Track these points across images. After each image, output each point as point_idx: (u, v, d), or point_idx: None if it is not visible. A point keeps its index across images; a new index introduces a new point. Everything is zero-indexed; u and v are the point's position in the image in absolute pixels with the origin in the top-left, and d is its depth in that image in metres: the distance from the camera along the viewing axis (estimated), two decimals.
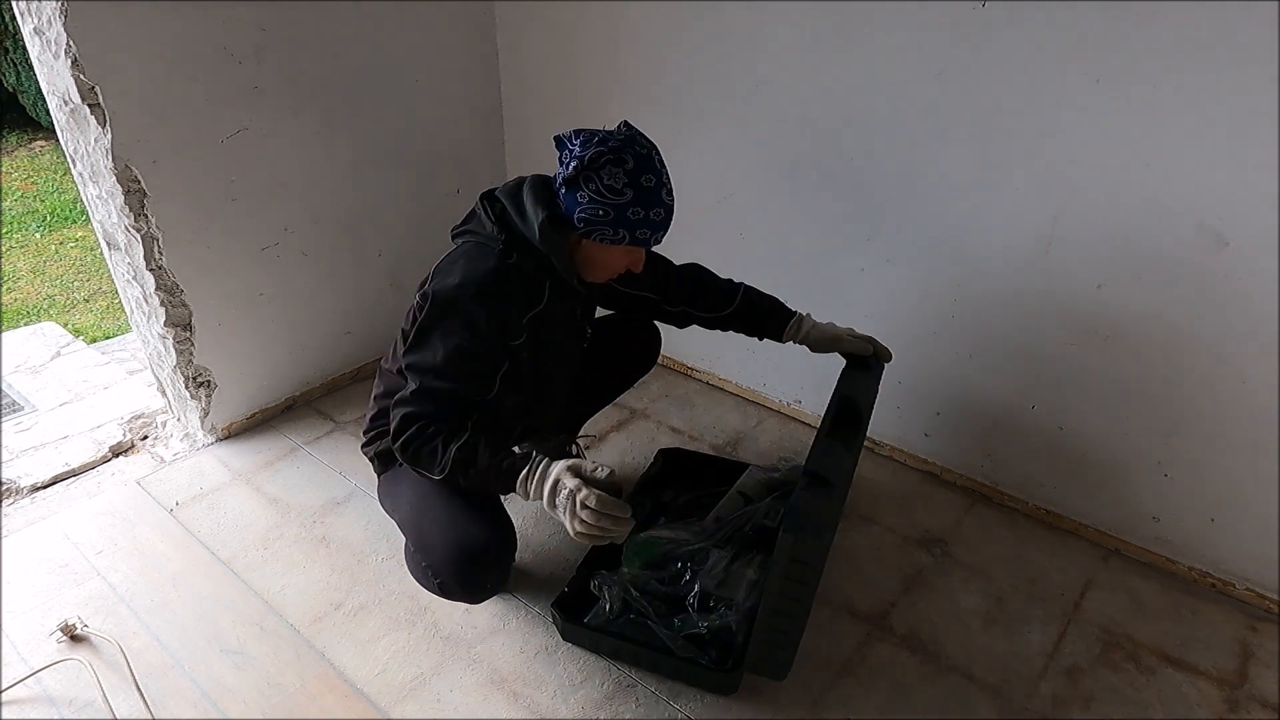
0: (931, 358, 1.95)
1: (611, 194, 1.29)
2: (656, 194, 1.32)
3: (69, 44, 1.59)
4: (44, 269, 3.91)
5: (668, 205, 1.34)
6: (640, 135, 1.33)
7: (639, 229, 1.33)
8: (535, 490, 1.28)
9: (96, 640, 1.55)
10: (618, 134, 1.31)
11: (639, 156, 1.29)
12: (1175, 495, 1.72)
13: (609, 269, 1.43)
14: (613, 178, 1.28)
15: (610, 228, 1.32)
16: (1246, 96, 1.35)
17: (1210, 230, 1.47)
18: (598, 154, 1.28)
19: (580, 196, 1.31)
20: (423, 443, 1.32)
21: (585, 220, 1.32)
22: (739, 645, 1.47)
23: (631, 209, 1.30)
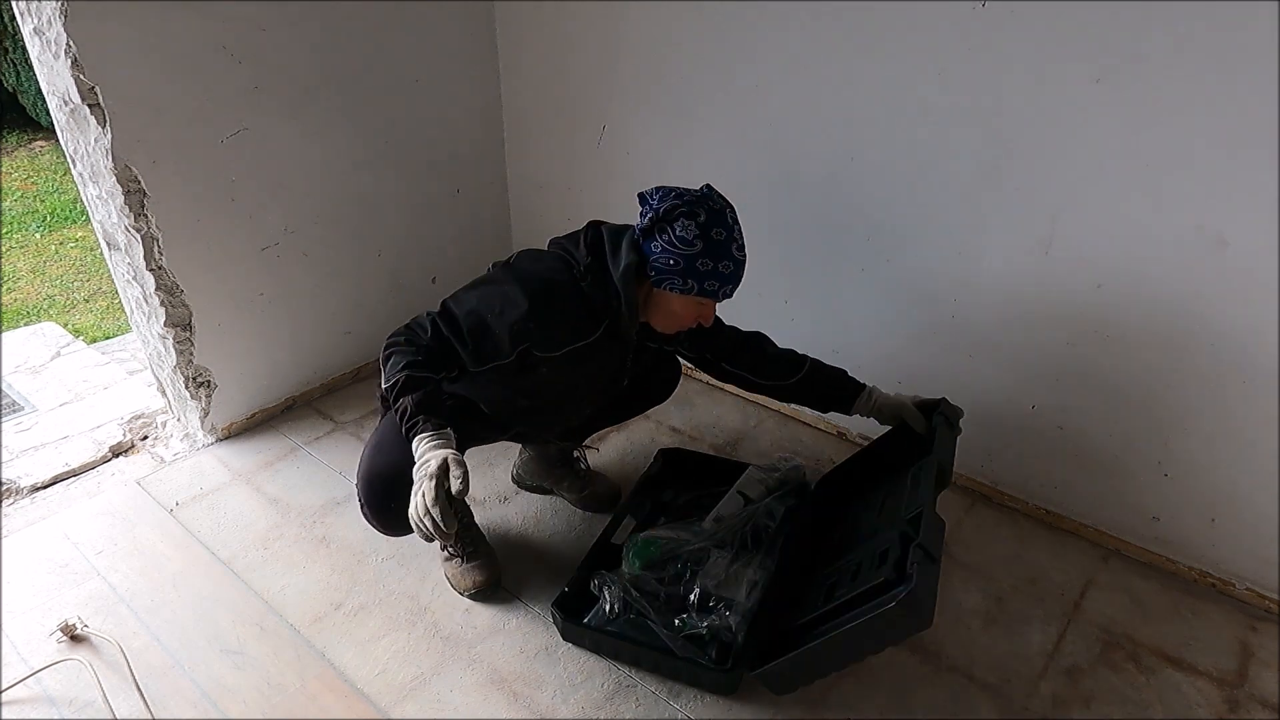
0: (931, 358, 1.95)
1: (682, 244, 1.35)
2: (726, 248, 1.37)
3: (69, 44, 1.59)
4: (44, 269, 3.92)
5: (737, 260, 1.39)
6: (717, 194, 1.39)
7: (707, 280, 1.38)
8: (418, 455, 1.28)
9: (96, 640, 1.55)
10: (695, 191, 1.38)
11: (712, 211, 1.35)
12: (1175, 495, 1.72)
13: (678, 320, 1.48)
14: (684, 229, 1.35)
15: (680, 277, 1.38)
16: (1246, 96, 1.35)
17: (1210, 230, 1.47)
18: (672, 206, 1.35)
19: (654, 246, 1.38)
20: (397, 352, 1.36)
21: (657, 269, 1.39)
22: (739, 645, 1.47)
23: (701, 260, 1.36)
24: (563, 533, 1.87)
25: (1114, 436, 1.75)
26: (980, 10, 1.55)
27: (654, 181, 2.20)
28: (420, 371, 1.34)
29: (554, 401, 1.59)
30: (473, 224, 2.58)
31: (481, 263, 1.59)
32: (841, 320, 2.07)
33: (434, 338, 1.39)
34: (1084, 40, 1.46)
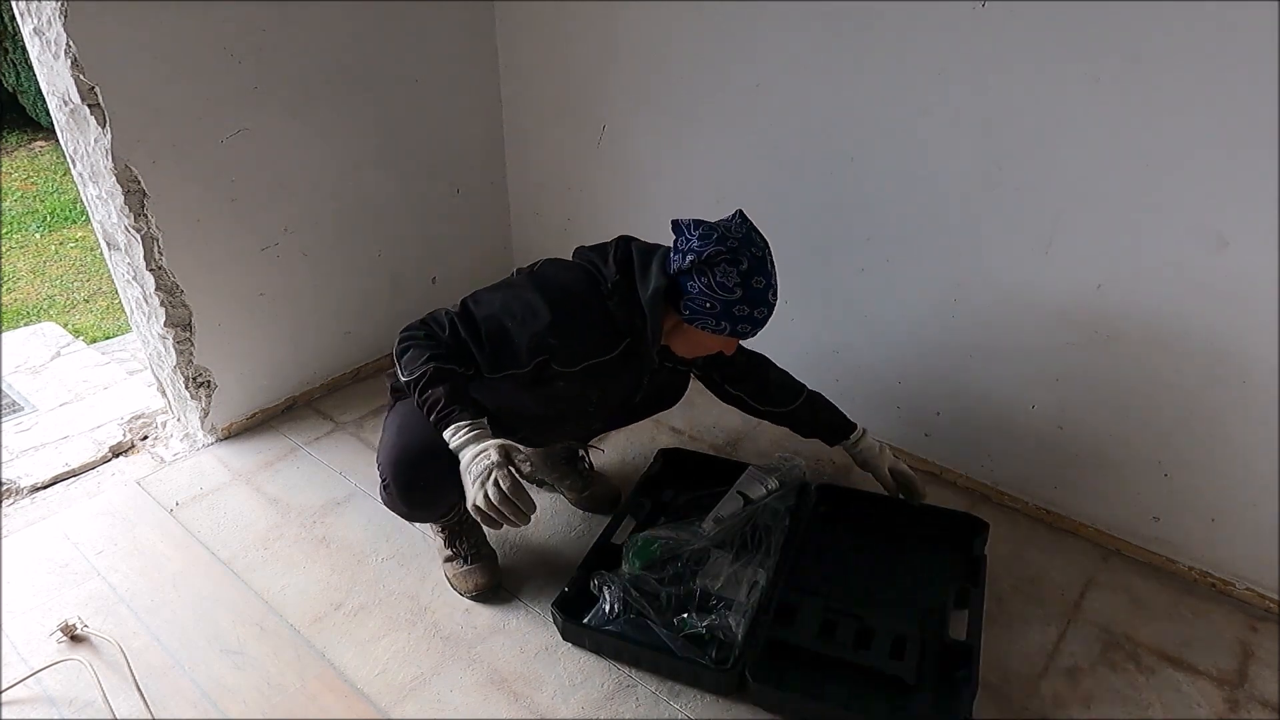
0: (931, 358, 1.95)
1: (723, 290, 1.36)
2: (764, 295, 1.38)
3: (69, 44, 1.59)
4: (44, 269, 3.92)
5: (771, 305, 1.41)
6: (756, 234, 1.39)
7: (740, 324, 1.40)
8: (460, 444, 1.31)
9: (96, 640, 1.55)
10: (735, 231, 1.36)
11: (754, 259, 1.36)
12: (1175, 495, 1.72)
13: (701, 349, 1.50)
14: (725, 275, 1.35)
15: (714, 319, 1.39)
16: (1246, 96, 1.35)
17: (1210, 230, 1.47)
18: (716, 253, 1.34)
19: (691, 286, 1.37)
20: (415, 345, 1.37)
21: (692, 309, 1.39)
22: (739, 645, 1.47)
23: (738, 306, 1.37)
24: (563, 533, 1.87)
25: (1114, 436, 1.75)
26: (980, 10, 1.55)
27: (654, 181, 2.23)
28: (446, 364, 1.35)
29: (565, 413, 1.59)
30: (473, 224, 2.58)
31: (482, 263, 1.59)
32: (841, 320, 2.07)
33: (452, 336, 1.39)
34: (1084, 40, 1.46)
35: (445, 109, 2.34)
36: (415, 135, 2.29)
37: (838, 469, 2.09)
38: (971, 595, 1.58)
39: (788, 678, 1.48)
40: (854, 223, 1.93)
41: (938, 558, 1.74)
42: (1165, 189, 1.49)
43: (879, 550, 1.77)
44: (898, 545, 1.77)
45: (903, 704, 1.43)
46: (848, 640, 1.51)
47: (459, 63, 2.32)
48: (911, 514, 1.81)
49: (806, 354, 2.18)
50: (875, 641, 1.50)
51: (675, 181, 2.20)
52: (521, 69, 2.38)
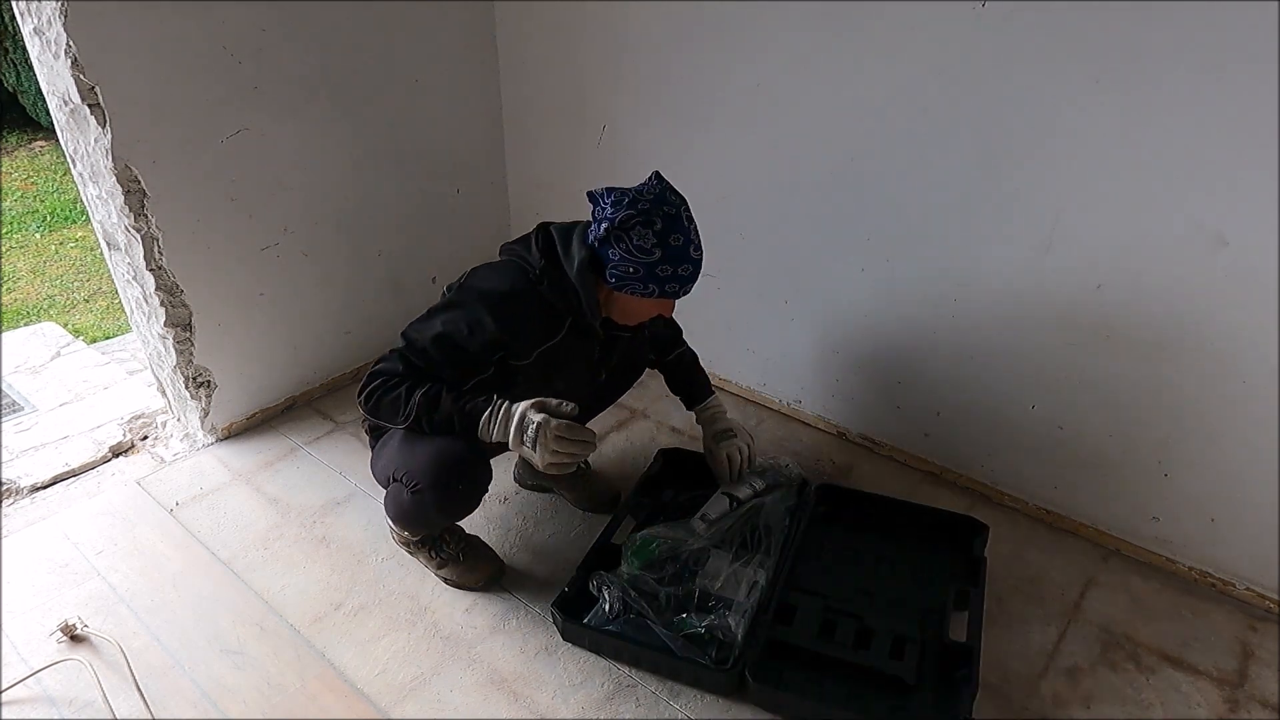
0: (931, 358, 1.95)
1: (641, 253, 1.37)
2: (684, 251, 1.39)
3: (69, 44, 1.59)
4: (44, 269, 3.92)
5: (695, 260, 1.42)
6: (669, 193, 1.39)
7: (668, 284, 1.41)
8: (500, 429, 1.37)
9: (96, 640, 1.55)
10: (647, 194, 1.37)
11: (667, 217, 1.36)
12: (1175, 495, 1.72)
13: (640, 315, 1.51)
14: (642, 238, 1.36)
15: (641, 283, 1.40)
16: (1246, 96, 1.35)
17: (1210, 230, 1.47)
18: (628, 216, 1.35)
19: (612, 254, 1.39)
20: (385, 392, 1.40)
21: (617, 276, 1.41)
22: (739, 645, 1.47)
23: (660, 267, 1.38)
24: (563, 533, 1.87)
25: (1114, 436, 1.75)
26: (980, 10, 1.55)
27: None
28: (422, 387, 1.39)
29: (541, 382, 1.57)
30: (473, 224, 2.58)
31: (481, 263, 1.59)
32: (841, 320, 2.07)
33: (408, 370, 1.41)
34: (1084, 40, 1.46)
35: (445, 109, 2.34)
36: (415, 135, 2.29)
37: (838, 469, 2.10)
38: (971, 596, 1.58)
39: (787, 678, 1.48)
40: (854, 223, 1.93)
41: (937, 558, 1.74)
42: (1165, 189, 1.49)
43: (879, 550, 1.77)
44: (898, 545, 1.77)
45: (902, 704, 1.44)
46: (847, 640, 1.51)
47: (459, 63, 2.32)
48: (911, 514, 1.81)
49: (806, 354, 2.18)
50: (875, 641, 1.50)
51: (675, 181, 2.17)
52: (521, 69, 2.38)
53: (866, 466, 2.10)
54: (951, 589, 1.63)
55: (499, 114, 2.50)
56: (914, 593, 1.66)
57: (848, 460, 2.13)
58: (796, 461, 1.91)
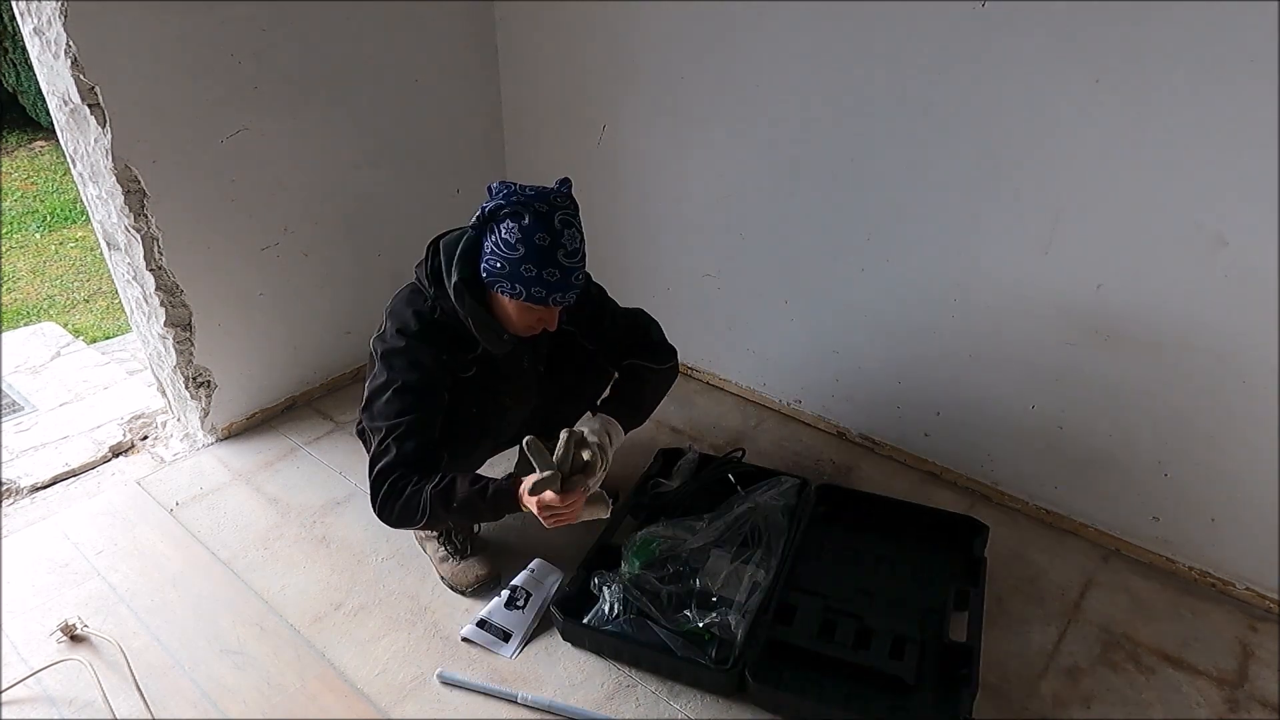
0: (931, 358, 1.95)
1: (506, 248, 1.32)
2: (550, 254, 1.31)
3: (69, 44, 1.59)
4: (44, 269, 3.91)
5: (565, 267, 1.33)
6: (555, 195, 1.32)
7: (533, 286, 1.33)
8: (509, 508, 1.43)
9: (96, 640, 1.55)
10: (529, 189, 1.31)
11: (537, 214, 1.30)
12: (1175, 495, 1.72)
13: (523, 323, 1.43)
14: (509, 232, 1.31)
15: (507, 281, 1.34)
16: (1246, 96, 1.35)
17: (1210, 230, 1.47)
18: (497, 207, 1.30)
19: (486, 246, 1.35)
20: (395, 496, 1.39)
21: (488, 271, 1.36)
22: (739, 645, 1.47)
23: (524, 265, 1.32)
24: (563, 533, 1.86)
25: (1114, 436, 1.75)
26: (980, 10, 1.55)
27: (654, 181, 2.23)
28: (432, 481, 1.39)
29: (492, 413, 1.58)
30: None
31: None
32: (841, 320, 2.07)
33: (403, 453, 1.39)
34: (1084, 40, 1.46)
35: (445, 109, 2.34)
36: (415, 135, 2.29)
37: (837, 469, 2.10)
38: (971, 596, 1.58)
39: (787, 678, 1.48)
40: (854, 223, 1.93)
41: (937, 558, 1.74)
42: (1165, 189, 1.49)
43: (879, 550, 1.77)
44: (898, 545, 1.77)
45: (902, 704, 1.44)
46: (847, 640, 1.51)
47: (459, 63, 2.32)
48: (911, 514, 1.81)
49: (806, 354, 2.18)
50: (875, 641, 1.50)
51: (675, 181, 2.20)
52: (521, 69, 2.38)
53: (866, 466, 2.10)
54: (951, 589, 1.63)
55: (499, 114, 2.50)
56: (914, 593, 1.66)
57: (848, 460, 2.13)
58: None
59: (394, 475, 1.39)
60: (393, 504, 1.39)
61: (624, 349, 1.67)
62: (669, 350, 1.71)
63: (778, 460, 2.11)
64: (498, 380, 1.53)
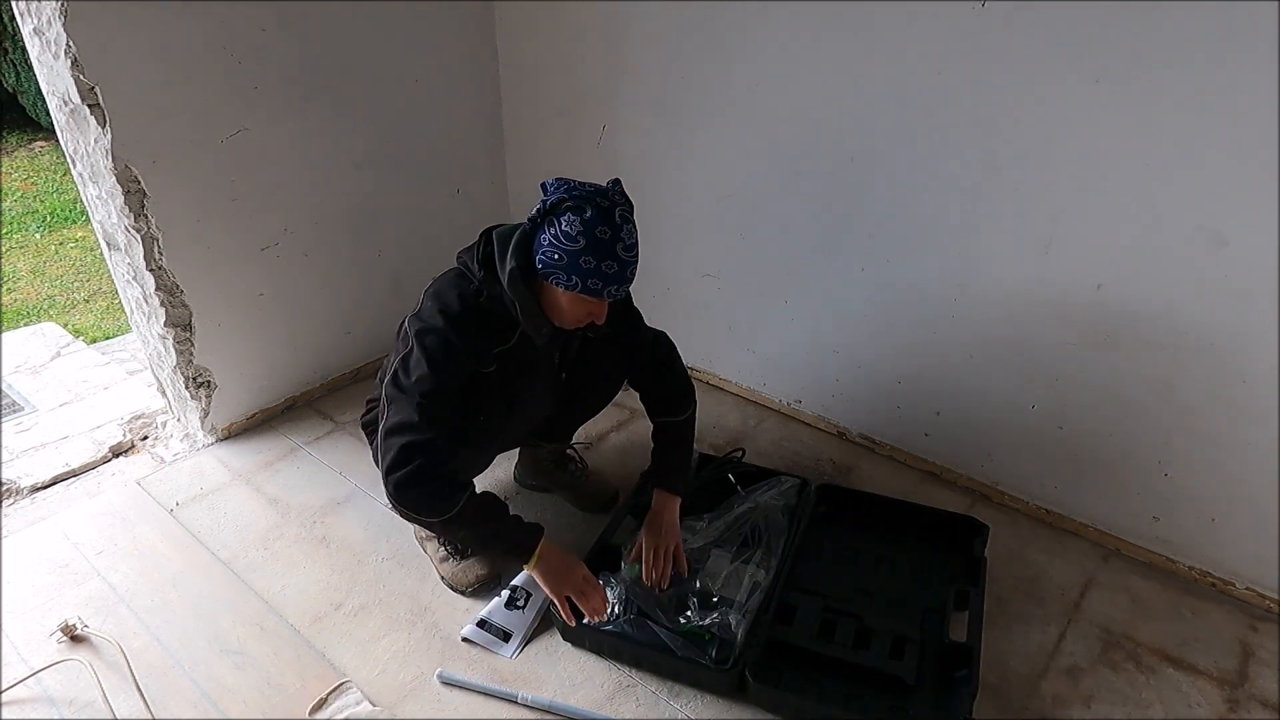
0: (931, 358, 1.95)
1: (566, 240, 1.33)
2: (610, 247, 1.33)
3: (69, 44, 1.59)
4: (44, 269, 3.91)
5: (623, 261, 1.36)
6: (613, 191, 1.35)
7: (590, 278, 1.35)
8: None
9: (96, 640, 1.55)
10: (588, 185, 1.34)
11: (599, 209, 1.32)
12: (1175, 495, 1.72)
13: (571, 315, 1.44)
14: (569, 224, 1.32)
15: (564, 272, 1.35)
16: (1246, 96, 1.35)
17: (1210, 230, 1.47)
18: (559, 200, 1.32)
19: (542, 238, 1.36)
20: (421, 485, 1.38)
21: (543, 262, 1.36)
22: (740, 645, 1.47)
23: (584, 257, 1.33)
24: (563, 533, 1.86)
25: (1114, 436, 1.75)
26: (980, 10, 1.55)
27: (654, 181, 2.23)
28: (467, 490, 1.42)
29: (507, 409, 1.57)
30: (473, 224, 2.53)
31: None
32: (841, 320, 2.07)
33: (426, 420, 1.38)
34: (1084, 40, 1.46)
35: (445, 109, 2.34)
36: (415, 135, 2.29)
37: (837, 469, 2.10)
38: (971, 596, 1.58)
39: (787, 678, 1.48)
40: (854, 223, 1.93)
41: (937, 558, 1.74)
42: (1165, 189, 1.49)
43: (879, 550, 1.77)
44: (898, 545, 1.77)
45: (902, 704, 1.44)
46: (847, 640, 1.51)
47: (459, 63, 2.32)
48: (911, 514, 1.81)
49: (806, 354, 2.18)
50: (875, 641, 1.50)
51: (675, 181, 2.20)
52: (521, 69, 2.38)
53: (866, 466, 2.10)
54: (951, 589, 1.63)
55: (499, 114, 2.50)
56: (914, 593, 1.66)
57: (848, 460, 2.13)
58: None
59: (420, 460, 1.37)
60: (415, 490, 1.38)
61: (650, 375, 1.72)
62: (690, 389, 1.75)
63: (778, 460, 2.11)
64: (518, 381, 1.53)
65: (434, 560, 1.73)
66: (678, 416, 1.73)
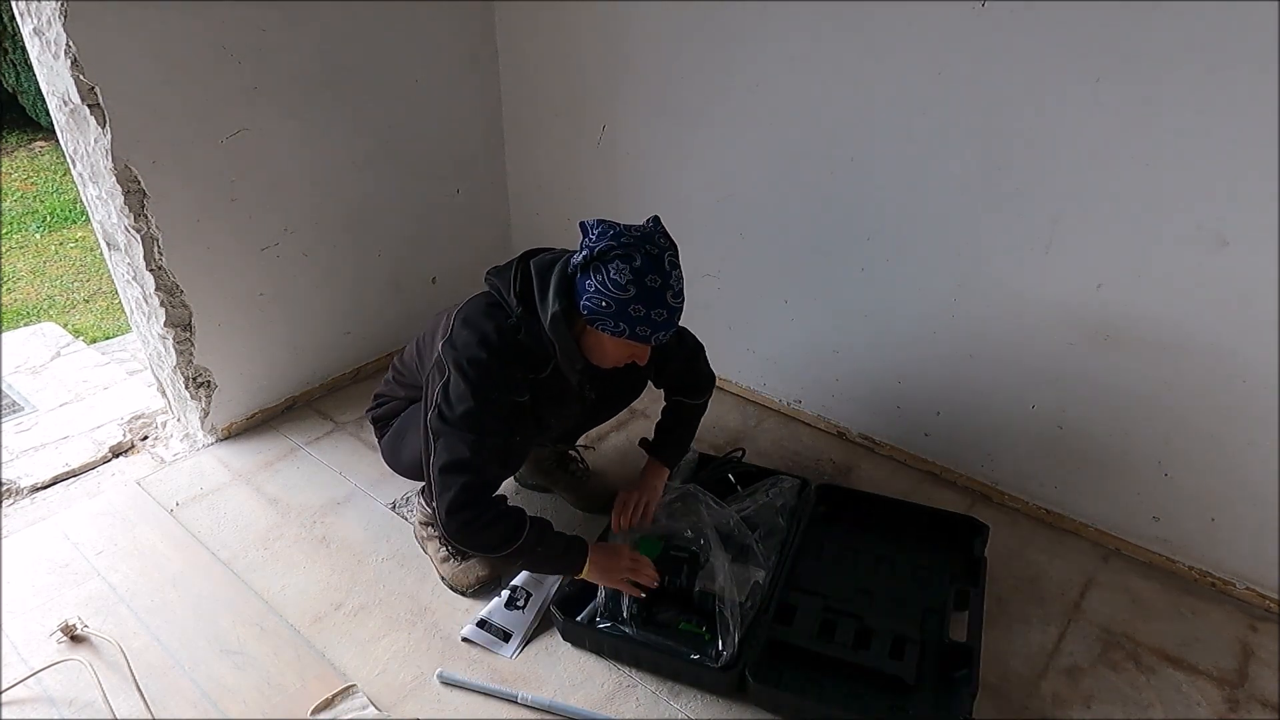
0: (931, 358, 1.95)
1: (615, 288, 1.31)
2: (660, 295, 1.33)
3: (69, 44, 1.59)
4: (44, 269, 3.91)
5: (671, 308, 1.35)
6: (658, 234, 1.34)
7: (639, 326, 1.34)
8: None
9: (96, 640, 1.55)
10: (635, 230, 1.32)
11: (648, 256, 1.31)
12: (1175, 495, 1.72)
13: (612, 358, 1.45)
14: (619, 273, 1.30)
15: (611, 320, 1.34)
16: (1246, 96, 1.35)
17: (1210, 230, 1.47)
18: (608, 248, 1.30)
19: (588, 285, 1.34)
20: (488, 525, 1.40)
21: (589, 309, 1.35)
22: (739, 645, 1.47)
23: (633, 306, 1.32)
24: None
25: (1114, 436, 1.75)
26: (980, 10, 1.55)
27: (653, 181, 2.23)
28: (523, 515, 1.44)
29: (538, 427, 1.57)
30: (473, 224, 2.58)
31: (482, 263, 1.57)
32: (841, 320, 2.07)
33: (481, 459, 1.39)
34: (1084, 40, 1.46)
35: (445, 109, 2.34)
36: (415, 135, 2.29)
37: (837, 469, 2.10)
38: (971, 596, 1.58)
39: (787, 678, 1.48)
40: (854, 223, 1.93)
41: (937, 558, 1.74)
42: (1165, 189, 1.49)
43: (879, 550, 1.77)
44: (898, 545, 1.77)
45: (902, 704, 1.44)
46: (847, 640, 1.51)
47: (459, 63, 2.32)
48: (911, 514, 1.81)
49: (806, 354, 2.18)
50: (875, 641, 1.50)
51: (675, 181, 2.20)
52: (521, 69, 2.38)
53: (866, 466, 2.11)
54: (951, 589, 1.63)
55: (499, 114, 2.50)
56: (914, 593, 1.66)
57: (848, 460, 2.13)
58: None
59: (483, 501, 1.39)
60: (484, 532, 1.39)
61: (677, 371, 1.74)
62: (712, 379, 1.78)
63: (778, 460, 2.11)
64: (547, 406, 1.52)
65: (434, 561, 1.73)
66: (695, 400, 1.77)
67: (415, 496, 1.83)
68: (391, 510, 1.91)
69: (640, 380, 1.74)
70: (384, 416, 1.72)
